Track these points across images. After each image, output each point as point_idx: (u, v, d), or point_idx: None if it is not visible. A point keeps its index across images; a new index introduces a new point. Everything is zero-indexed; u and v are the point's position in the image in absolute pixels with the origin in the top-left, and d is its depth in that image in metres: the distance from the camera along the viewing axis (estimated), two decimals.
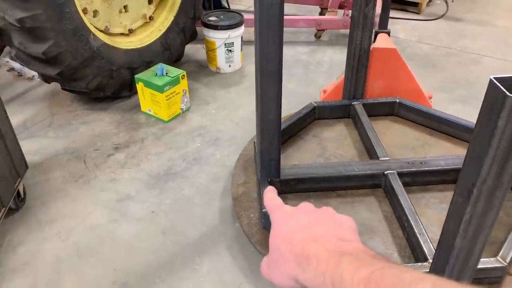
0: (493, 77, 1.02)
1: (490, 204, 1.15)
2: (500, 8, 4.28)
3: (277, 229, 0.59)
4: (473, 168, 1.12)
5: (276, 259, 0.57)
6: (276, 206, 0.64)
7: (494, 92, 1.00)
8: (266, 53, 1.53)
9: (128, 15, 2.73)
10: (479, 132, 1.08)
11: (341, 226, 0.57)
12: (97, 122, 2.61)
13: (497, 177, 1.10)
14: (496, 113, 1.00)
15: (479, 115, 1.07)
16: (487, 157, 1.07)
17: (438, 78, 3.00)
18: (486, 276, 1.54)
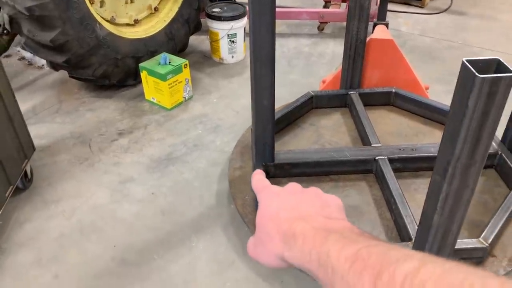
0: (465, 59, 1.08)
1: (464, 182, 1.22)
2: (505, 3, 4.28)
3: (264, 208, 0.58)
4: (448, 148, 1.18)
5: (262, 238, 0.57)
6: (263, 186, 0.63)
7: (465, 74, 1.07)
8: (259, 41, 1.59)
9: (134, 5, 2.81)
10: (453, 113, 1.14)
11: (328, 205, 0.57)
12: (102, 109, 2.71)
13: (470, 156, 1.16)
14: (467, 93, 1.07)
15: (453, 96, 1.14)
16: (460, 136, 1.14)
17: (438, 70, 3.04)
18: (468, 257, 1.60)
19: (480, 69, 1.04)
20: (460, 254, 1.58)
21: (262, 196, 0.61)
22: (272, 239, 0.55)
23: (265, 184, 0.64)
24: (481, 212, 1.80)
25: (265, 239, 0.56)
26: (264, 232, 0.56)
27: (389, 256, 0.44)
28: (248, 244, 0.61)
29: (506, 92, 1.05)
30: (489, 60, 1.08)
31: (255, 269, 1.74)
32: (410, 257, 0.42)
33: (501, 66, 1.06)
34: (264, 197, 0.61)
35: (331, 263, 0.46)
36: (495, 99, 1.05)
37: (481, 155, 1.16)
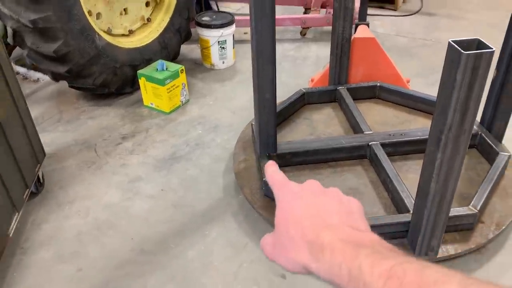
0: (451, 40, 1.26)
1: (456, 149, 1.39)
2: (469, 3, 4.59)
3: (285, 210, 0.56)
4: (440, 119, 1.36)
5: (284, 243, 0.55)
6: (280, 182, 0.61)
7: (452, 52, 1.25)
8: (261, 38, 1.76)
9: (128, 17, 2.94)
10: (443, 87, 1.32)
11: (352, 211, 0.55)
12: (103, 116, 2.81)
13: (460, 125, 1.34)
14: (455, 68, 1.25)
15: (442, 73, 1.32)
16: (450, 107, 1.31)
17: (415, 66, 3.27)
18: (460, 223, 1.77)
19: (464, 48, 1.23)
20: (454, 221, 1.75)
21: (281, 194, 0.58)
22: (296, 246, 0.53)
23: (282, 179, 0.61)
24: (467, 186, 1.98)
25: (287, 244, 0.54)
26: (286, 237, 0.54)
27: (426, 276, 0.42)
28: (265, 243, 0.58)
29: (487, 66, 1.23)
30: (471, 40, 1.26)
31: None
32: (449, 280, 0.41)
33: (481, 45, 1.25)
34: (283, 196, 0.58)
35: (363, 278, 0.45)
36: (479, 72, 1.23)
37: (469, 124, 1.34)
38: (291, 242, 0.54)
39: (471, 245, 1.75)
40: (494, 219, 1.85)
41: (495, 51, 1.23)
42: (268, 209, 1.93)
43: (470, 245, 1.75)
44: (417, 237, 1.67)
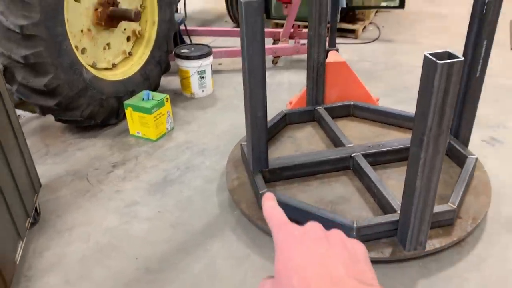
0: (426, 53, 1.47)
1: (437, 148, 1.59)
2: (422, 30, 5.01)
3: (286, 257, 0.52)
4: (421, 122, 1.56)
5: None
6: (279, 222, 0.57)
7: (428, 62, 1.46)
8: (252, 61, 1.93)
9: (111, 51, 3.06)
10: (422, 93, 1.52)
11: (357, 259, 0.52)
12: (90, 147, 2.87)
13: (438, 126, 1.54)
14: (432, 76, 1.45)
15: (420, 81, 1.52)
16: (429, 111, 1.51)
17: (381, 87, 3.54)
18: (442, 219, 1.96)
19: (438, 59, 1.44)
20: (436, 218, 1.93)
21: (280, 237, 0.54)
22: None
23: (281, 217, 0.57)
24: (443, 188, 2.19)
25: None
26: (288, 286, 0.50)
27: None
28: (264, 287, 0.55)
29: (459, 72, 1.45)
30: (442, 53, 1.48)
31: (270, 258, 1.98)
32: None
33: (451, 56, 1.47)
34: (284, 239, 0.54)
35: None
36: (452, 78, 1.44)
37: (446, 125, 1.54)
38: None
39: (453, 238, 1.94)
40: (470, 214, 2.05)
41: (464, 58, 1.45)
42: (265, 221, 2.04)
43: (453, 238, 1.94)
44: (406, 234, 1.83)
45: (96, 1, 2.84)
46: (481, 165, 2.38)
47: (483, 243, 2.04)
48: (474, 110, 2.32)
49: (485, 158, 2.52)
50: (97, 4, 2.84)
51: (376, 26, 5.08)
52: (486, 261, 1.96)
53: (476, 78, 2.22)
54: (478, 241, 2.05)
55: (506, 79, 3.66)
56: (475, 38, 2.13)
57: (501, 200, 2.27)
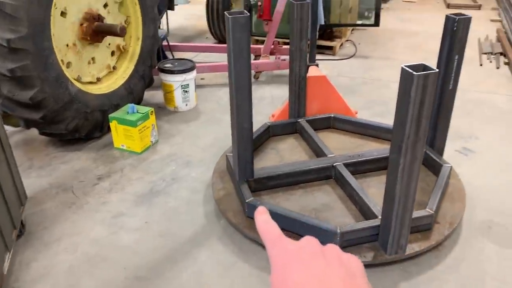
0: (403, 66, 1.58)
1: (414, 154, 1.69)
2: (396, 47, 5.22)
3: (282, 274, 0.50)
4: (399, 130, 1.65)
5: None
6: (274, 237, 0.55)
7: (405, 74, 1.56)
8: (239, 73, 2.00)
9: (96, 65, 3.10)
10: (400, 103, 1.62)
11: (354, 274, 0.51)
12: (75, 160, 2.88)
13: (416, 133, 1.64)
14: (409, 87, 1.56)
15: (399, 92, 1.62)
16: (407, 119, 1.61)
17: (359, 100, 3.67)
18: (420, 224, 2.05)
19: (414, 71, 1.55)
20: (415, 223, 2.02)
21: (276, 252, 0.53)
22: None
23: (275, 232, 0.55)
24: (421, 195, 2.29)
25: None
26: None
27: None
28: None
29: (434, 83, 1.56)
30: (418, 65, 1.59)
31: (257, 265, 2.03)
32: None
33: (426, 68, 1.58)
34: (278, 255, 0.52)
35: None
36: (427, 89, 1.55)
37: (423, 132, 1.64)
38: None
39: (432, 242, 2.03)
40: (447, 219, 2.16)
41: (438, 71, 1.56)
42: (252, 229, 2.10)
43: (431, 242, 2.03)
44: (388, 238, 1.92)
45: (82, 17, 2.89)
46: (455, 174, 2.50)
47: (460, 246, 2.14)
48: (447, 121, 2.45)
49: (459, 167, 2.65)
50: (82, 19, 2.89)
51: (352, 43, 5.25)
52: (463, 263, 2.06)
53: (449, 91, 2.36)
54: (455, 244, 2.15)
55: (477, 93, 3.85)
56: (447, 53, 2.27)
57: (475, 206, 2.39)
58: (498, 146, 3.01)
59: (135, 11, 3.25)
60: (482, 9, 7.21)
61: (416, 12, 7.11)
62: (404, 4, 7.76)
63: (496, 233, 2.23)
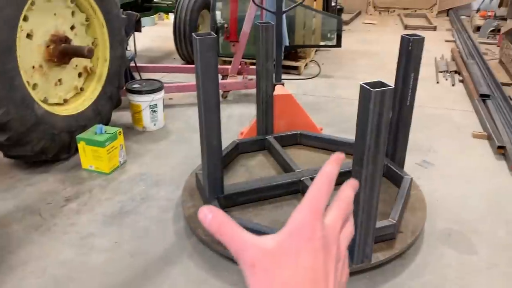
0: (361, 83, 1.68)
1: (375, 166, 1.78)
2: (358, 66, 5.44)
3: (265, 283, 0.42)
4: (360, 143, 1.75)
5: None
6: (236, 241, 0.45)
7: (364, 91, 1.66)
8: (207, 92, 2.07)
9: (62, 87, 3.09)
10: (360, 118, 1.72)
11: (339, 257, 0.46)
12: (41, 182, 2.84)
13: (376, 145, 1.73)
14: (368, 102, 1.65)
15: (358, 107, 1.72)
16: (367, 133, 1.71)
17: (324, 118, 3.79)
18: (384, 233, 2.14)
19: (372, 87, 1.65)
20: (379, 233, 2.11)
21: (248, 259, 0.44)
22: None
23: (236, 234, 0.45)
24: (383, 206, 2.38)
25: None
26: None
27: None
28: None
29: (390, 98, 1.66)
30: (375, 82, 1.70)
31: (229, 281, 2.06)
32: None
33: (383, 84, 1.68)
34: (253, 264, 0.43)
35: None
36: (385, 103, 1.65)
37: (382, 144, 1.74)
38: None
39: (396, 251, 2.12)
40: (409, 228, 2.26)
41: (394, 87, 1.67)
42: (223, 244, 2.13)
43: (395, 250, 2.12)
44: (353, 247, 1.99)
45: (48, 39, 2.89)
46: (416, 185, 2.62)
47: (422, 254, 2.24)
48: (407, 135, 2.58)
49: (419, 179, 2.78)
50: (49, 41, 2.90)
51: (316, 63, 5.43)
52: (426, 269, 2.15)
53: (407, 107, 2.49)
54: (418, 252, 2.25)
55: (434, 109, 4.05)
56: (404, 71, 2.41)
57: (435, 215, 2.51)
58: (455, 159, 3.17)
59: (102, 33, 3.28)
60: (437, 30, 7.61)
61: (376, 33, 7.43)
62: (365, 26, 8.10)
63: (455, 240, 2.35)
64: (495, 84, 4.44)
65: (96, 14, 3.20)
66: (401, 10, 9.13)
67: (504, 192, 2.77)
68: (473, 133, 3.53)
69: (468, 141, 3.46)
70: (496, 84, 4.43)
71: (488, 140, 3.43)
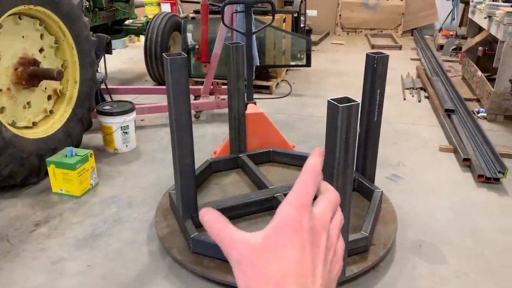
0: (329, 99, 1.74)
1: (345, 178, 1.82)
2: (327, 85, 5.57)
3: (252, 276, 0.42)
4: (330, 157, 1.79)
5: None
6: (225, 237, 0.46)
7: (332, 106, 1.71)
8: (179, 110, 2.08)
9: (31, 110, 3.04)
10: (329, 132, 1.77)
11: (328, 247, 0.46)
12: (9, 208, 2.76)
13: (344, 159, 1.78)
14: (335, 117, 1.70)
15: (327, 122, 1.77)
16: (336, 147, 1.75)
17: (296, 135, 3.85)
18: (357, 246, 2.18)
19: (339, 103, 1.71)
20: (352, 245, 2.15)
21: (237, 253, 0.44)
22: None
23: (227, 229, 0.48)
24: (355, 220, 2.43)
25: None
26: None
27: None
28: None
29: (357, 113, 1.72)
30: (342, 98, 1.75)
31: None
32: None
33: (350, 100, 1.74)
34: (243, 256, 0.43)
35: None
36: (351, 118, 1.71)
37: (351, 158, 1.79)
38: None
39: (369, 263, 2.16)
40: (381, 240, 2.30)
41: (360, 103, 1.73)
42: (199, 263, 2.13)
43: (368, 263, 2.15)
44: None
45: (16, 61, 2.86)
46: (387, 198, 2.69)
47: (395, 265, 2.28)
48: (375, 150, 2.65)
49: (390, 192, 2.85)
50: (17, 64, 2.86)
51: (287, 83, 5.53)
52: (399, 280, 2.19)
53: (374, 122, 2.57)
54: (390, 263, 2.29)
55: (402, 124, 4.17)
56: (370, 87, 2.49)
57: (406, 227, 2.57)
58: (424, 172, 3.27)
59: (72, 55, 3.27)
60: (402, 49, 7.88)
61: (344, 53, 7.64)
62: (333, 46, 8.32)
63: (426, 251, 2.40)
64: (459, 99, 4.62)
65: (66, 37, 3.19)
66: (368, 30, 9.43)
67: (471, 203, 2.86)
68: (439, 146, 3.65)
69: (435, 154, 3.57)
70: (459, 99, 4.62)
71: (454, 153, 3.56)
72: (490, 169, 3.15)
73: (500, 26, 4.18)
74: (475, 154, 3.39)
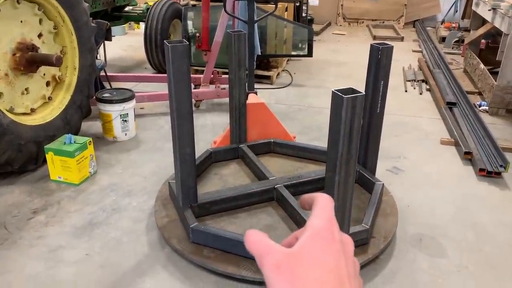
0: (333, 90, 1.71)
1: (348, 170, 1.80)
2: (328, 76, 5.52)
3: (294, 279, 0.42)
4: (333, 148, 1.76)
5: None
6: (262, 252, 0.45)
7: (336, 97, 1.68)
8: (180, 98, 2.05)
9: (30, 96, 3.00)
10: (333, 124, 1.74)
11: (355, 270, 0.47)
12: (7, 195, 2.74)
13: (348, 151, 1.76)
14: (340, 108, 1.68)
15: (331, 114, 1.74)
16: (340, 139, 1.73)
17: (296, 126, 3.82)
18: (358, 239, 2.16)
19: (343, 94, 1.68)
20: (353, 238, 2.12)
21: (271, 262, 0.44)
22: None
23: (263, 239, 0.47)
24: (356, 212, 2.41)
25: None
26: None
27: None
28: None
29: (361, 104, 1.69)
30: (346, 89, 1.72)
31: None
32: None
33: (354, 91, 1.71)
34: (282, 264, 0.43)
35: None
36: (356, 109, 1.68)
37: (355, 149, 1.76)
38: None
39: (369, 255, 2.14)
40: (382, 233, 2.29)
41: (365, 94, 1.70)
42: (198, 254, 2.11)
43: (369, 255, 2.14)
44: None
45: (15, 46, 2.82)
46: (387, 191, 2.67)
47: (395, 258, 2.27)
48: (377, 142, 2.63)
49: (390, 185, 2.83)
50: (15, 49, 2.82)
51: (288, 73, 5.49)
52: (399, 273, 2.18)
53: (377, 114, 2.54)
54: (390, 256, 2.28)
55: (403, 117, 4.14)
56: (373, 79, 2.46)
57: (406, 220, 2.56)
58: (425, 165, 3.25)
59: (71, 41, 3.22)
60: (404, 40, 7.82)
61: (345, 43, 7.58)
62: (335, 36, 8.25)
63: (426, 244, 2.39)
64: (461, 92, 4.59)
65: (65, 22, 3.14)
66: (370, 21, 9.36)
67: (472, 196, 2.85)
68: (441, 139, 3.63)
69: (437, 147, 3.55)
70: (461, 92, 4.58)
71: (455, 146, 3.54)
72: (492, 163, 3.13)
73: (504, 19, 4.13)
74: (477, 148, 3.37)
